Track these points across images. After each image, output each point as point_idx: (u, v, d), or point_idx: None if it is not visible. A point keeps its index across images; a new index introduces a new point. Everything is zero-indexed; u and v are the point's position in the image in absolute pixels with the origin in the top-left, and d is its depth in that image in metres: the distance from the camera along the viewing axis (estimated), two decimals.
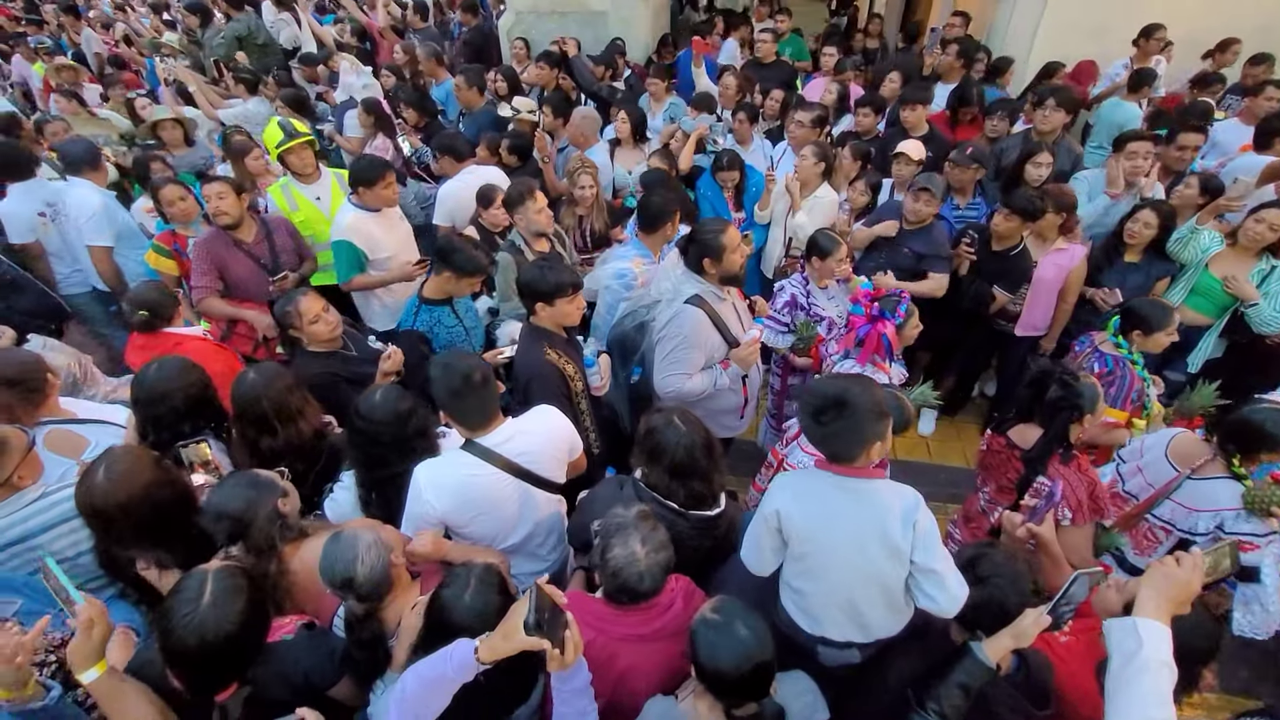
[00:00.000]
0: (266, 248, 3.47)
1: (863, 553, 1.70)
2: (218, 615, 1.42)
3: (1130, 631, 1.38)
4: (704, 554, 1.94)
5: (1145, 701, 1.32)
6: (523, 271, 2.62)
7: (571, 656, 1.42)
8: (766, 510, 1.79)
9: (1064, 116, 4.21)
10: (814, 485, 1.78)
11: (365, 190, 3.38)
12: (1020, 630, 1.58)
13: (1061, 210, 3.53)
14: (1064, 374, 2.23)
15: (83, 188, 3.76)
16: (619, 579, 1.59)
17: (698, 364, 2.70)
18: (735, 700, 1.47)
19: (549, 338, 2.57)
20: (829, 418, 1.67)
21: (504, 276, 3.33)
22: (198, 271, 3.31)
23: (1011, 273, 3.59)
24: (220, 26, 6.75)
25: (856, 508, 1.71)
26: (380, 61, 6.76)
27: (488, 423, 2.01)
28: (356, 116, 5.12)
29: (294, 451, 2.31)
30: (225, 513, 1.77)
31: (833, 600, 1.76)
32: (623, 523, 1.63)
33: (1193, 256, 3.44)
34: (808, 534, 1.74)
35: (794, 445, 2.64)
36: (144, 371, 2.23)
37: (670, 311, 2.69)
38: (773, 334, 3.29)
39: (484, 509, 2.01)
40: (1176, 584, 1.45)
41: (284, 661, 1.60)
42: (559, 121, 4.71)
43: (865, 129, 4.63)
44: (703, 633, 1.46)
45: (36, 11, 9.56)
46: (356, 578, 1.60)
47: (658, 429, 1.89)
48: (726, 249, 2.60)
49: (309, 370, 2.63)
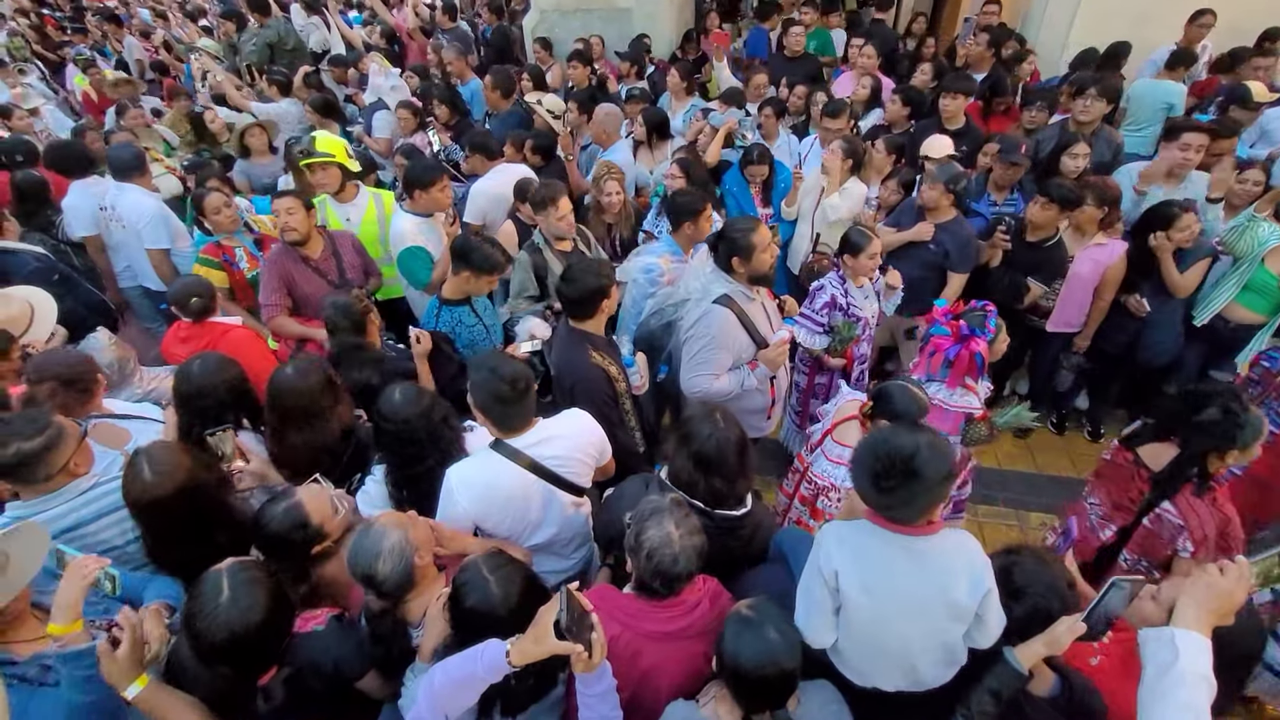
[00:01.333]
0: (334, 264, 3.40)
1: (925, 617, 1.57)
2: (241, 608, 1.45)
3: (1166, 643, 1.32)
4: (729, 555, 1.90)
5: (1179, 716, 1.26)
6: (573, 281, 2.53)
7: (598, 658, 1.42)
8: (825, 568, 1.61)
9: (1105, 106, 4.06)
10: (871, 544, 1.59)
11: (420, 193, 3.38)
12: (1053, 637, 1.52)
13: (1104, 204, 3.40)
14: (1231, 397, 1.99)
15: (135, 193, 3.83)
16: (654, 560, 1.55)
17: (725, 364, 2.66)
18: (752, 704, 1.45)
19: (591, 340, 2.56)
20: (893, 483, 1.48)
21: (521, 274, 3.35)
22: (267, 289, 3.26)
23: (1046, 265, 3.48)
24: (254, 32, 6.91)
25: (920, 572, 1.55)
26: (408, 62, 6.86)
27: (521, 429, 2.02)
28: (391, 116, 5.21)
29: (324, 447, 2.36)
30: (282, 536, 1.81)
31: (887, 661, 1.65)
32: (657, 507, 1.61)
33: (1248, 249, 3.26)
34: (865, 602, 1.58)
35: (819, 454, 2.59)
36: (187, 368, 2.29)
37: (698, 311, 2.66)
38: (807, 334, 3.22)
39: (509, 508, 2.02)
40: (1219, 595, 1.36)
41: (314, 651, 1.63)
42: (584, 118, 4.72)
43: (894, 118, 4.53)
44: (733, 625, 1.45)
45: (81, 21, 9.90)
46: (377, 575, 1.62)
47: (694, 418, 1.87)
48: (756, 248, 2.56)
49: (356, 369, 2.62)
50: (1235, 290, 3.35)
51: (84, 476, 2.03)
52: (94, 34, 9.26)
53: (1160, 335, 3.57)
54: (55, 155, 4.10)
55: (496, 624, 1.49)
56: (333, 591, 1.92)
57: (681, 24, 7.05)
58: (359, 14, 8.92)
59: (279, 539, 1.80)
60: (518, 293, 3.36)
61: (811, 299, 3.27)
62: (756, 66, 5.30)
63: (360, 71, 6.28)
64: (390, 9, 7.83)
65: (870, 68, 5.14)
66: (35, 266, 3.36)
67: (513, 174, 3.95)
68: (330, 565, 1.92)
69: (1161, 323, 3.52)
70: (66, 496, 1.99)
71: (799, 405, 3.61)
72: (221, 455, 2.20)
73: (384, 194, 3.95)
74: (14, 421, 1.92)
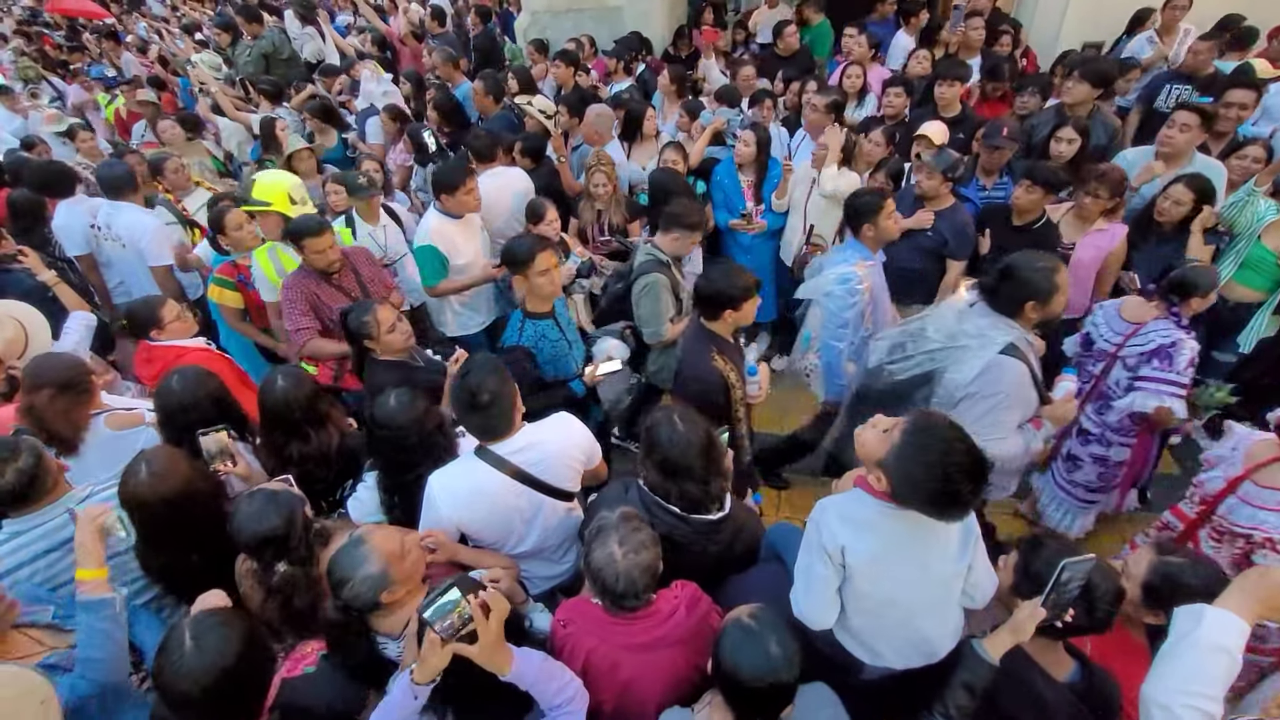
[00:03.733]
0: (354, 280, 3.29)
1: (928, 578, 1.60)
2: (203, 659, 1.38)
3: (1194, 616, 1.29)
4: (711, 560, 1.88)
5: (1186, 676, 1.23)
6: (712, 280, 2.48)
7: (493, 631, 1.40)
8: (829, 545, 1.62)
9: (1088, 89, 3.97)
10: (873, 516, 1.61)
11: (447, 197, 3.34)
12: (1017, 624, 1.52)
13: (1115, 195, 3.29)
14: None
15: (132, 211, 3.80)
16: (598, 581, 1.56)
17: (1014, 424, 2.32)
18: (747, 714, 1.43)
19: (718, 342, 2.51)
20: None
21: (663, 296, 3.02)
22: (295, 313, 3.14)
23: (1038, 246, 3.40)
24: (248, 44, 6.94)
25: (921, 536, 1.59)
26: (401, 68, 6.87)
27: (498, 436, 1.99)
28: (379, 123, 5.22)
29: (320, 455, 2.35)
30: (268, 536, 1.78)
31: (899, 634, 1.67)
32: (604, 524, 1.60)
33: (1247, 224, 3.22)
34: (875, 572, 1.60)
35: (1237, 503, 2.24)
36: (166, 384, 2.29)
37: (979, 362, 2.27)
38: (1161, 399, 2.62)
39: (493, 515, 2.00)
40: (1271, 587, 1.30)
41: (307, 696, 1.59)
42: (575, 120, 4.70)
43: (895, 111, 4.46)
44: (732, 633, 1.41)
45: (78, 38, 9.97)
46: (343, 594, 1.59)
47: (655, 424, 1.85)
48: (1059, 291, 2.24)
49: (383, 380, 2.52)
50: (1233, 268, 3.30)
51: (77, 489, 2.04)
52: (92, 51, 9.32)
53: None
54: (37, 176, 4.07)
55: None
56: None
57: (674, 22, 7.01)
58: (345, 16, 8.94)
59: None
60: (662, 316, 3.05)
61: (1166, 358, 2.63)
62: (744, 60, 5.26)
63: (352, 78, 6.30)
64: (385, 16, 7.85)
65: (864, 57, 5.09)
66: (31, 284, 3.36)
67: (506, 176, 3.95)
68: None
69: None
70: (64, 507, 1.98)
71: (1099, 481, 3.07)
72: (210, 456, 2.19)
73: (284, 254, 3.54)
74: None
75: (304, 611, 1.82)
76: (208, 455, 2.18)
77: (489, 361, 2.00)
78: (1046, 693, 1.50)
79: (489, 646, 1.39)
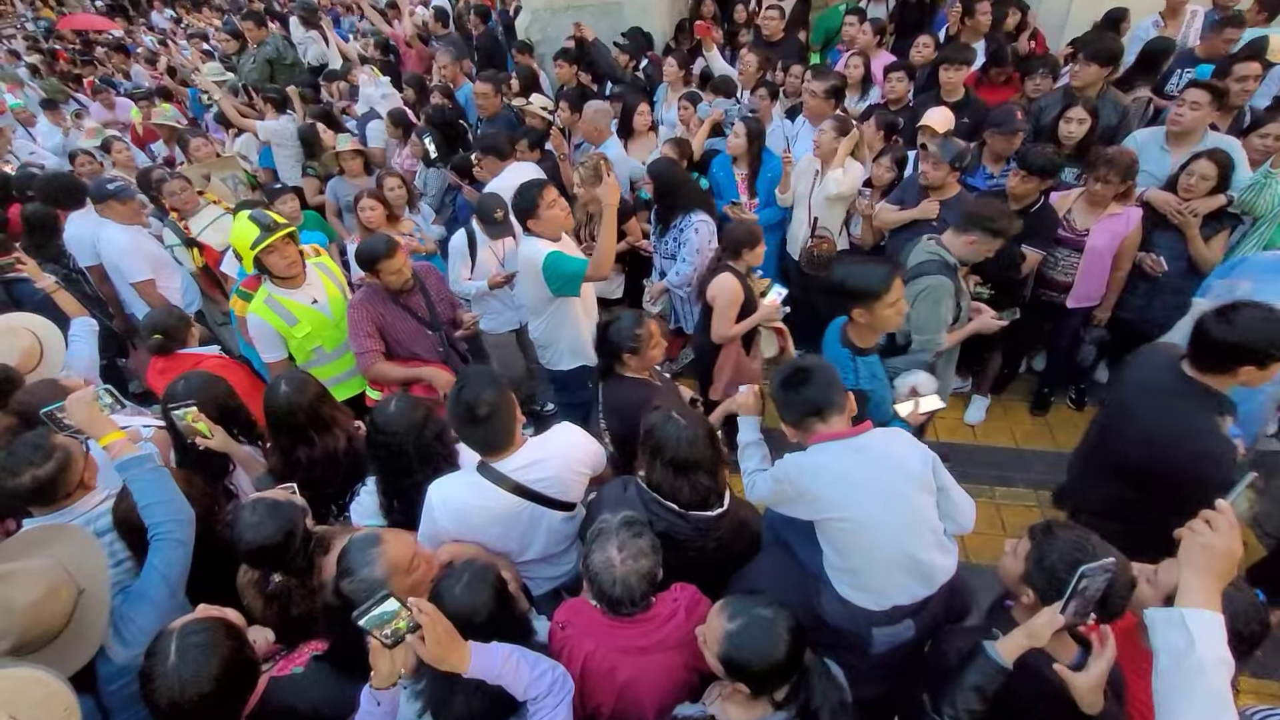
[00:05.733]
0: (422, 299, 3.12)
1: (898, 498, 1.72)
2: (185, 675, 1.39)
3: (1177, 625, 1.21)
4: (709, 557, 1.88)
5: (1204, 709, 1.16)
6: (858, 275, 2.31)
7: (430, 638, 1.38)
8: (805, 490, 1.78)
9: (1099, 70, 3.88)
10: (825, 460, 1.78)
11: (532, 222, 2.95)
12: (1033, 629, 1.47)
13: (1125, 179, 3.21)
14: None
15: (109, 228, 3.82)
16: (596, 585, 1.57)
17: None
18: (763, 689, 1.44)
19: None
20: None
21: (945, 301, 2.70)
22: (359, 334, 2.96)
23: (1037, 229, 3.35)
24: (252, 52, 7.00)
25: (873, 462, 1.74)
26: (405, 71, 6.89)
27: (499, 452, 1.95)
28: (379, 127, 5.24)
29: (327, 459, 2.38)
30: (265, 545, 1.79)
31: (892, 562, 1.72)
32: (604, 528, 1.60)
33: (1267, 207, 3.10)
34: (849, 511, 1.71)
35: None
36: (172, 389, 2.32)
37: None
38: None
39: (492, 528, 1.99)
40: (1218, 555, 1.24)
41: (292, 695, 1.59)
42: (575, 117, 4.70)
43: (897, 97, 4.40)
44: (731, 639, 1.42)
45: (90, 52, 10.13)
46: (344, 590, 1.59)
47: (657, 426, 1.85)
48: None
49: (628, 397, 2.43)
50: (1256, 251, 3.18)
51: (94, 490, 2.08)
52: (104, 65, 9.46)
53: (1176, 300, 3.41)
54: (46, 188, 4.17)
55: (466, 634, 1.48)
56: None
57: (674, 16, 6.97)
58: (349, 19, 8.97)
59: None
60: (941, 323, 2.76)
61: None
62: (746, 49, 5.20)
63: (351, 83, 6.32)
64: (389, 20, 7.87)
65: (867, 45, 5.02)
66: (44, 296, 3.44)
67: (524, 171, 3.96)
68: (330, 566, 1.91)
69: (1177, 288, 3.33)
70: (81, 510, 2.03)
71: None
72: (183, 430, 2.22)
73: (333, 265, 3.40)
74: (20, 450, 1.96)
75: (303, 619, 1.84)
76: (181, 430, 2.24)
77: (486, 373, 1.97)
78: (1052, 676, 1.47)
79: (436, 648, 1.38)
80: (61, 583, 1.54)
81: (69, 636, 1.56)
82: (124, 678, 1.65)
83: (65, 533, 1.78)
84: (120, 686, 1.66)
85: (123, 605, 1.71)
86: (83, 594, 1.58)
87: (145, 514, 1.81)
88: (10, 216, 4.47)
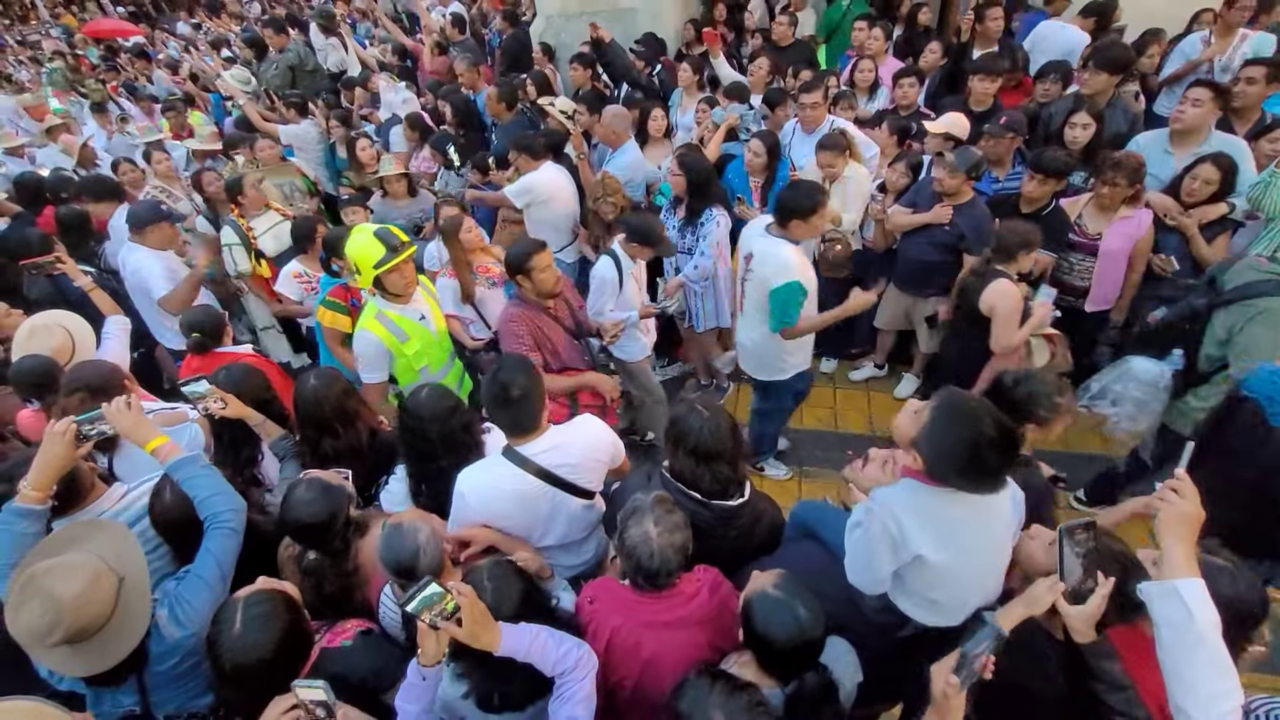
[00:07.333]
0: (566, 309, 3.13)
1: (992, 543, 1.71)
2: (248, 643, 1.52)
3: (1172, 597, 1.30)
4: (730, 546, 1.95)
5: (1210, 676, 1.26)
6: None
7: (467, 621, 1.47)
8: (897, 537, 1.69)
9: (1108, 78, 3.92)
10: (928, 503, 1.69)
11: (799, 222, 2.89)
12: (1033, 598, 1.53)
13: (1133, 182, 3.25)
14: None
15: (137, 252, 3.76)
16: (633, 559, 1.63)
17: None
18: (783, 672, 1.51)
19: None
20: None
21: (1277, 330, 2.59)
22: (522, 348, 2.91)
23: (1049, 233, 3.38)
24: (273, 59, 7.15)
25: (977, 505, 1.65)
26: (423, 78, 7.01)
27: (527, 433, 2.07)
28: (401, 132, 5.35)
29: (352, 451, 2.46)
30: (310, 524, 1.88)
31: (972, 596, 1.76)
32: (639, 506, 1.68)
33: (1272, 206, 3.10)
34: (943, 558, 1.67)
35: None
36: (213, 380, 2.39)
37: None
38: None
39: (517, 511, 2.08)
40: (1189, 520, 1.36)
41: (341, 665, 1.70)
42: (594, 119, 4.77)
43: (908, 102, 4.45)
44: (762, 603, 1.50)
45: (114, 59, 10.34)
46: (418, 568, 1.71)
47: (681, 416, 1.92)
48: None
49: None
50: (1269, 251, 3.18)
51: (113, 487, 2.15)
52: (127, 72, 9.63)
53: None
54: (87, 186, 4.40)
55: None
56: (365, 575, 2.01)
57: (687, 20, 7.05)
58: (365, 24, 9.09)
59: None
60: (1277, 351, 2.62)
61: None
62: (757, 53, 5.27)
63: (370, 90, 6.44)
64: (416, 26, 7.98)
65: (877, 51, 5.07)
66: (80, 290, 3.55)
67: (555, 169, 4.13)
68: (365, 565, 2.01)
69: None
70: (105, 506, 2.09)
71: None
72: (196, 396, 2.28)
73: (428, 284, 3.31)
74: (19, 470, 1.95)
75: (336, 596, 1.93)
76: (194, 399, 2.29)
77: (520, 360, 2.09)
78: (1050, 651, 1.53)
79: (472, 627, 1.47)
80: (101, 572, 1.59)
81: (116, 622, 1.62)
82: (173, 657, 1.72)
83: (97, 527, 1.82)
84: (169, 667, 1.73)
85: (179, 588, 1.77)
86: (123, 581, 1.64)
87: (204, 506, 1.86)
88: (44, 219, 4.59)
